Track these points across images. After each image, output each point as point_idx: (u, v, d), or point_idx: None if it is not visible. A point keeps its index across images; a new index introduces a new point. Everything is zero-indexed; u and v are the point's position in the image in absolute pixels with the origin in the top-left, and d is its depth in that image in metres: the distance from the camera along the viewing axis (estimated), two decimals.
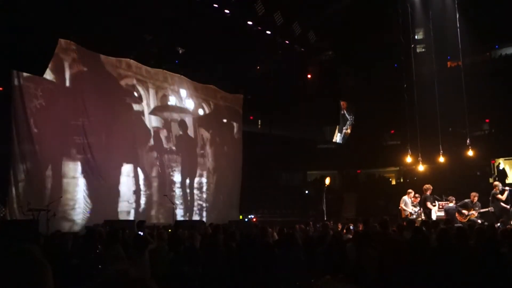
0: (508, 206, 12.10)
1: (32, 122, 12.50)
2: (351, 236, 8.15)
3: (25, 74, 12.25)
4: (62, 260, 5.29)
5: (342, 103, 20.87)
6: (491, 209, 12.16)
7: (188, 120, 17.52)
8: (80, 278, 4.77)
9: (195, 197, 17.06)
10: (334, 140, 20.91)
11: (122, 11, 13.51)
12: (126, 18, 13.72)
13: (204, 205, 15.84)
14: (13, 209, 11.79)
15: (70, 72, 13.53)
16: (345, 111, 20.37)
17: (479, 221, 11.61)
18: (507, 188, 12.50)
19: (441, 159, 15.55)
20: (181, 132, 17.15)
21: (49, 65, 12.57)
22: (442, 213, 12.64)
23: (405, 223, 9.64)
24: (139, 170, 15.37)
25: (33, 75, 12.34)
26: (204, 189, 17.57)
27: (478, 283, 4.40)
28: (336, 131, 20.17)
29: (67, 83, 13.48)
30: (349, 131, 20.15)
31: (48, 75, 12.81)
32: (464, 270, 4.57)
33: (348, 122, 20.32)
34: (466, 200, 12.42)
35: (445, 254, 4.92)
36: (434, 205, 12.81)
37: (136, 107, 15.67)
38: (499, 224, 11.21)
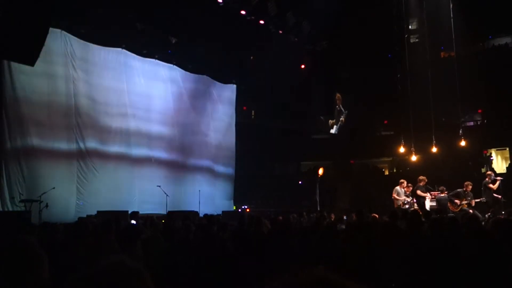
0: (499, 196, 12.15)
1: (24, 112, 12.38)
2: (344, 227, 8.19)
3: (15, 64, 12.09)
4: (53, 250, 5.26)
5: (337, 95, 20.83)
6: (483, 199, 12.18)
7: (181, 110, 17.42)
8: (72, 268, 4.74)
9: (189, 187, 17.04)
10: (331, 132, 20.98)
11: None
12: (118, 6, 13.55)
13: (197, 195, 15.84)
14: (5, 200, 11.72)
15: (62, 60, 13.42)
16: (340, 106, 20.38)
17: (471, 211, 11.64)
18: (499, 178, 12.56)
19: (434, 149, 15.64)
20: (173, 122, 17.06)
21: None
22: (434, 203, 12.69)
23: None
24: (132, 160, 15.31)
25: (23, 65, 12.17)
26: (198, 179, 17.54)
27: (472, 273, 4.43)
28: (333, 124, 20.28)
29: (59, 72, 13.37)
30: (343, 119, 20.24)
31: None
32: (458, 260, 4.60)
33: (343, 115, 20.39)
34: (459, 190, 12.40)
35: (438, 244, 4.94)
36: (426, 194, 12.76)
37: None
38: (489, 213, 11.29)
